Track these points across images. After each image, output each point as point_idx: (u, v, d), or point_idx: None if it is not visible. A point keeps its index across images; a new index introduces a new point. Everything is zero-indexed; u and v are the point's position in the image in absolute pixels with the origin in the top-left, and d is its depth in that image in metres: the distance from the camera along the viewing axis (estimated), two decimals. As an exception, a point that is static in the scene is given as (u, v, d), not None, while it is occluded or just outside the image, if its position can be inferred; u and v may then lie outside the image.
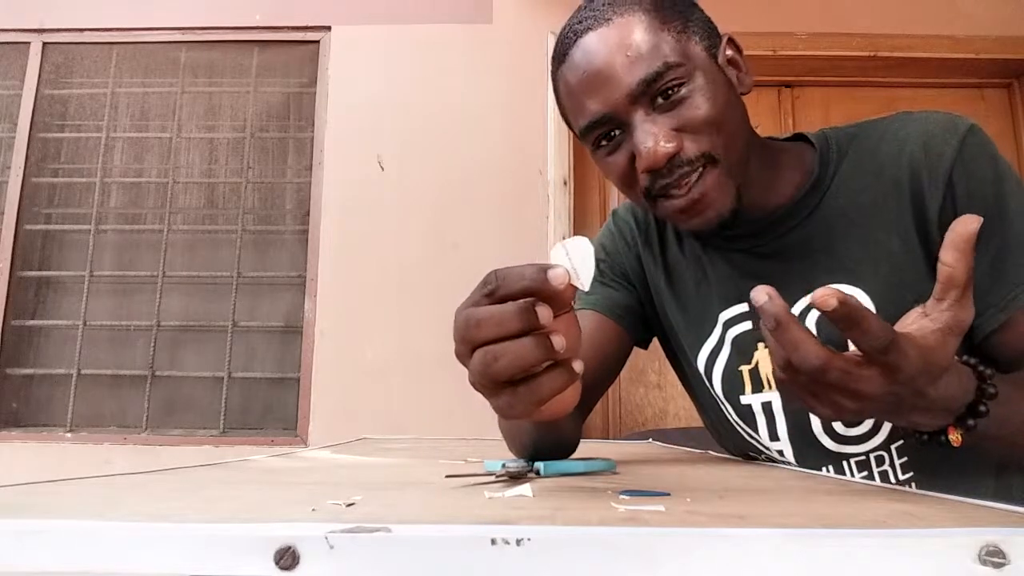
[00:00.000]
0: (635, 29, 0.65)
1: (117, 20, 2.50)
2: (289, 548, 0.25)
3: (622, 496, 0.40)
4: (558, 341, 0.39)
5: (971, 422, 0.51)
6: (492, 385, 0.40)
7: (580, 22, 0.68)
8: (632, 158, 0.67)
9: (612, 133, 0.68)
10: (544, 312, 0.38)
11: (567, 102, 0.71)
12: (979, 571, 0.24)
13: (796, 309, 0.72)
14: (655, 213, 0.73)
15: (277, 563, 0.25)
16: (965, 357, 0.54)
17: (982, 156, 0.66)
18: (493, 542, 0.25)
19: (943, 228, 0.66)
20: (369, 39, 2.42)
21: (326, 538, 0.25)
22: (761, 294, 0.43)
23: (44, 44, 2.51)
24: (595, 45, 0.66)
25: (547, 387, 0.40)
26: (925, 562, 0.25)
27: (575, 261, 0.40)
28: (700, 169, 0.66)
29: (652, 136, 0.64)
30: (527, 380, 0.40)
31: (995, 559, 0.24)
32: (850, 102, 2.46)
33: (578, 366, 0.41)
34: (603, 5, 0.68)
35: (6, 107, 2.49)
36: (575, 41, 0.68)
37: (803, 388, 0.48)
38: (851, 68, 2.42)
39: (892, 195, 0.69)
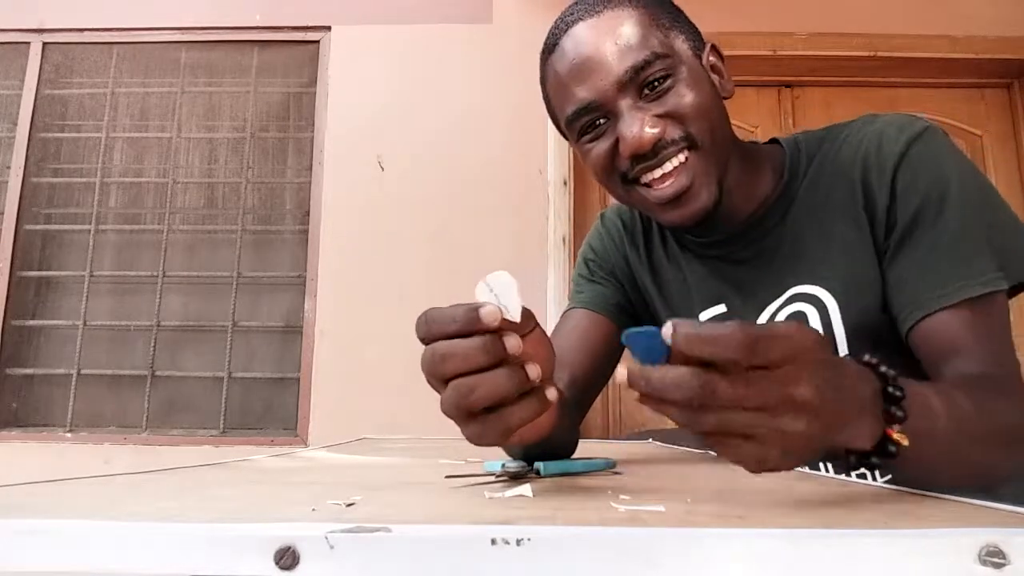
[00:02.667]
0: (625, 21, 0.68)
1: (117, 20, 2.50)
2: (289, 548, 0.25)
3: (622, 496, 0.40)
4: (533, 371, 0.39)
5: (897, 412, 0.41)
6: (464, 415, 0.41)
7: (571, 14, 0.70)
8: (615, 145, 0.69)
9: (597, 122, 0.69)
10: (512, 342, 0.39)
11: (554, 92, 0.73)
12: (979, 571, 0.24)
13: (767, 312, 0.74)
14: (631, 201, 0.73)
15: (277, 563, 0.25)
16: (866, 357, 0.44)
17: (930, 156, 0.66)
18: (493, 542, 0.25)
19: (888, 226, 0.67)
20: (369, 39, 2.42)
21: (326, 538, 0.25)
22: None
23: (44, 44, 2.51)
24: (585, 34, 0.68)
25: (517, 416, 0.40)
26: (925, 562, 0.25)
27: (499, 295, 0.41)
28: (684, 150, 0.67)
29: (639, 122, 0.66)
30: (498, 409, 0.40)
31: (995, 559, 0.24)
32: (850, 102, 2.45)
33: (551, 394, 0.41)
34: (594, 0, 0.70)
35: (6, 107, 2.49)
36: (565, 31, 0.70)
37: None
38: (851, 68, 2.41)
39: (849, 192, 0.70)
